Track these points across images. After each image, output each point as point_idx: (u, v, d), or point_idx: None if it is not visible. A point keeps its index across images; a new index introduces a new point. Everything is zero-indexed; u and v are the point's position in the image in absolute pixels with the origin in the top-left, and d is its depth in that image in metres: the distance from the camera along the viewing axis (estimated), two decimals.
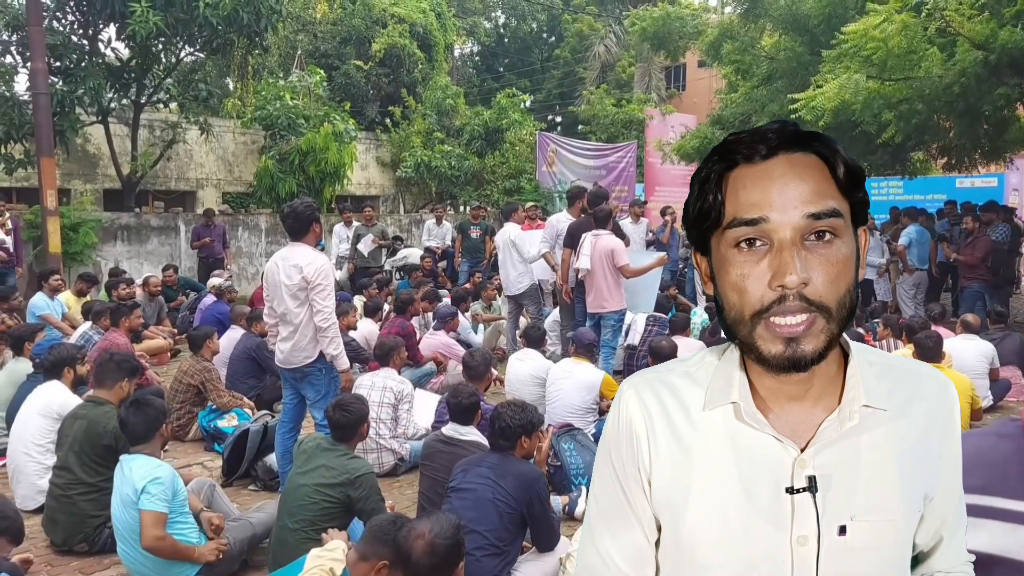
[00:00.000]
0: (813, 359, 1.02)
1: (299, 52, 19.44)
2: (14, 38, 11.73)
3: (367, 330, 7.95)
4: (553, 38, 33.47)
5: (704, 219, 1.09)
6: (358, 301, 9.60)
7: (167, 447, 5.39)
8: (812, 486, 1.07)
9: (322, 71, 17.44)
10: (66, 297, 9.15)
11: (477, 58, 34.16)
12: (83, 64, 12.17)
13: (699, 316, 8.94)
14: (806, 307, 1.00)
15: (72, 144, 12.79)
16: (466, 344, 8.16)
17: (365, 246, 12.03)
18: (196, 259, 12.79)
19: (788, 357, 1.02)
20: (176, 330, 9.75)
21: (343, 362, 4.86)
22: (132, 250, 12.80)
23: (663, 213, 12.07)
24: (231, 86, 19.64)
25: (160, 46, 12.76)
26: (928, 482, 1.14)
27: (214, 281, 10.23)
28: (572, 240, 7.50)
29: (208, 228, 12.52)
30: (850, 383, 1.10)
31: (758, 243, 1.03)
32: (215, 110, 15.96)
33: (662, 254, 8.45)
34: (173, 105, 14.46)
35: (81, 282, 9.47)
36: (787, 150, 1.04)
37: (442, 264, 13.14)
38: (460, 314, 8.45)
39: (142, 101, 13.52)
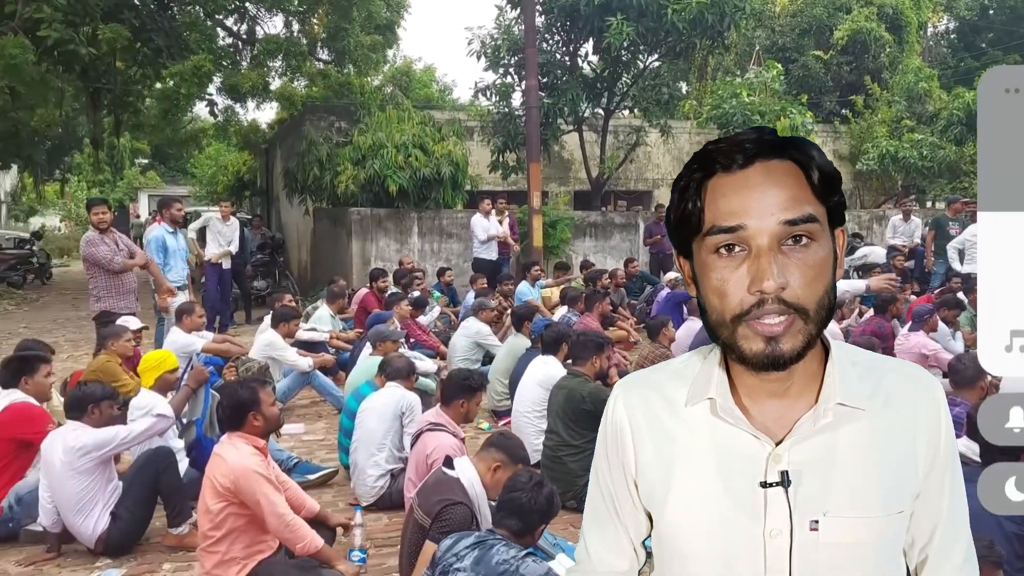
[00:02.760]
0: (791, 358, 1.05)
1: (756, 48, 19.33)
2: (512, 60, 13.68)
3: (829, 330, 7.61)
4: None
5: (684, 225, 1.12)
6: None
7: None
8: (784, 480, 1.09)
9: (779, 65, 17.06)
10: (545, 284, 10.54)
11: (953, 35, 30.21)
12: (564, 78, 13.69)
13: None
14: (785, 309, 1.03)
15: (552, 151, 14.50)
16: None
17: None
18: (648, 254, 13.55)
19: (768, 355, 1.04)
20: (635, 319, 10.47)
21: None
22: (598, 245, 14.05)
23: None
24: (683, 88, 20.33)
25: (627, 55, 13.74)
26: (912, 482, 1.14)
27: (669, 275, 10.73)
28: None
29: (659, 225, 13.06)
30: (827, 381, 1.12)
31: (737, 249, 1.06)
32: (672, 112, 16.67)
33: None
34: (636, 110, 15.48)
35: (558, 271, 11.04)
36: (764, 158, 1.07)
37: (908, 264, 11.93)
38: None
39: (611, 108, 14.71)
